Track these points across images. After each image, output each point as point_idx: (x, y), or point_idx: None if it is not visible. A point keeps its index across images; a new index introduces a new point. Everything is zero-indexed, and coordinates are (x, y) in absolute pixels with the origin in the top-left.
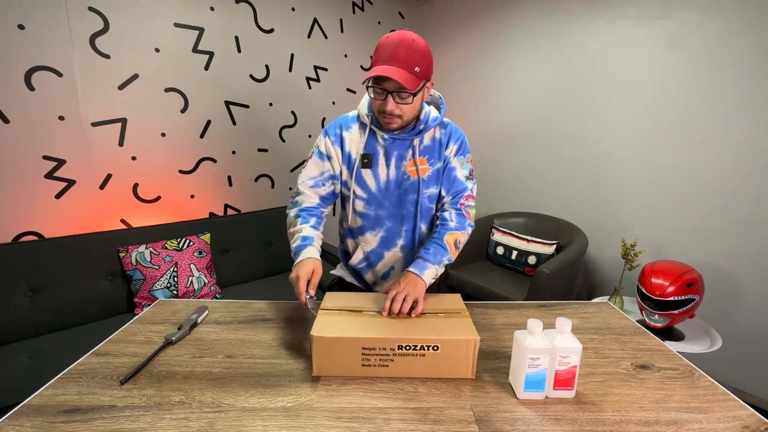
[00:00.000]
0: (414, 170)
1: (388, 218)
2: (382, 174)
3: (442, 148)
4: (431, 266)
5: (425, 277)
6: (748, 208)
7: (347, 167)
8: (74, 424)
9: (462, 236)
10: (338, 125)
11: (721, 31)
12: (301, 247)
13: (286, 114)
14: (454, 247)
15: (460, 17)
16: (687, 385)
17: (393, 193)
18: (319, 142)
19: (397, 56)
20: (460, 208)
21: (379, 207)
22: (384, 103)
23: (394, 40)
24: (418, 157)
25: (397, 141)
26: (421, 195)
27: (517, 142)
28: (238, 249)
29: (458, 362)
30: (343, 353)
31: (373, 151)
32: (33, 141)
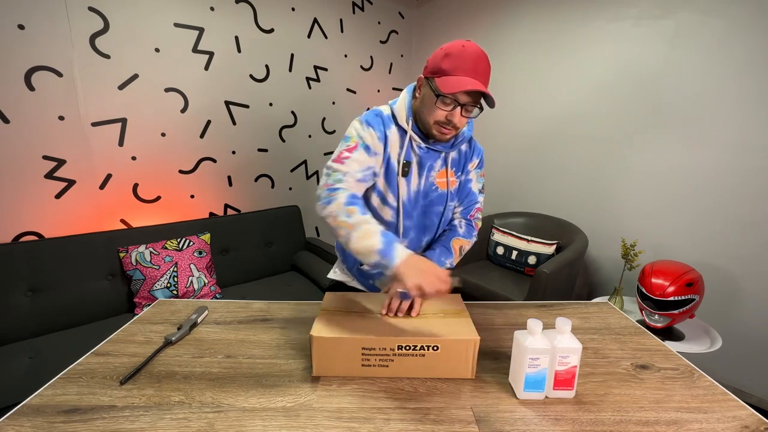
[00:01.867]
0: (443, 182)
1: (413, 229)
2: (414, 184)
3: (467, 162)
4: None
5: None
6: (748, 208)
7: (386, 170)
8: (74, 424)
9: (467, 244)
10: (381, 122)
11: (722, 31)
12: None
13: (286, 114)
14: (458, 253)
15: (460, 17)
16: (687, 385)
17: (419, 203)
18: (363, 132)
19: (479, 70)
20: (470, 220)
21: (407, 217)
22: (452, 114)
23: (475, 52)
24: (448, 168)
25: (431, 152)
26: (447, 207)
27: (517, 142)
28: (238, 249)
29: (458, 362)
30: (343, 353)
31: (410, 159)
32: (33, 141)
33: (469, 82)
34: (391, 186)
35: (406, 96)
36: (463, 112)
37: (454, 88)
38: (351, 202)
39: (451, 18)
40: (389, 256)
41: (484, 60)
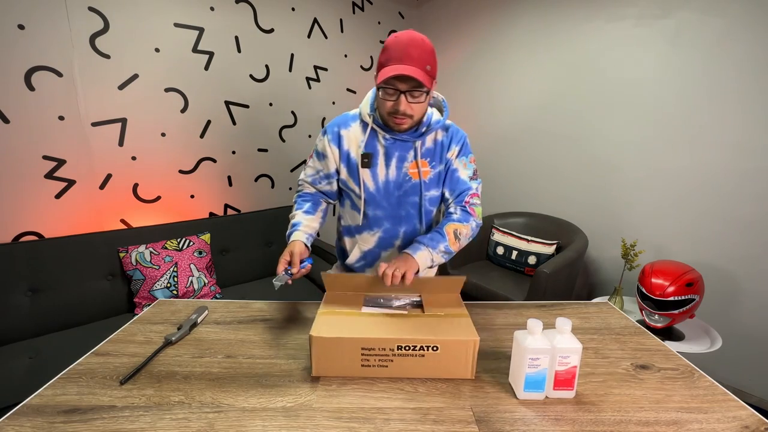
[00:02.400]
0: (416, 172)
1: (386, 219)
2: (381, 174)
3: (444, 151)
4: (424, 248)
5: (417, 257)
6: (748, 208)
7: (346, 166)
8: (74, 424)
9: (463, 228)
10: (337, 124)
11: (722, 31)
12: (289, 234)
13: (286, 114)
14: (453, 237)
15: (460, 17)
16: (687, 385)
17: (392, 194)
18: (318, 141)
19: (410, 55)
20: (464, 206)
21: (377, 207)
22: (397, 103)
23: (405, 40)
24: (420, 159)
25: (398, 142)
26: (423, 197)
27: (517, 142)
28: (238, 249)
29: (458, 363)
30: (343, 353)
31: (374, 150)
32: (33, 141)
33: (395, 69)
34: (353, 178)
35: (370, 93)
36: (408, 98)
37: (382, 77)
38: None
39: (450, 18)
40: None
41: (417, 44)
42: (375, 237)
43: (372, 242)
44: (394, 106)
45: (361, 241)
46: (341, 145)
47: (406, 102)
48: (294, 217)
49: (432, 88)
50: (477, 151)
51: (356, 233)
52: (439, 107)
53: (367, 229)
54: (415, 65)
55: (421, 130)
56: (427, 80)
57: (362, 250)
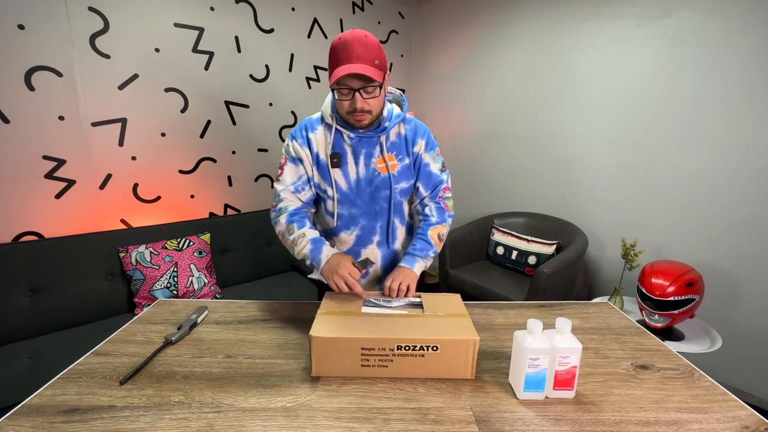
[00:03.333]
0: (384, 167)
1: (362, 216)
2: (352, 172)
3: (409, 144)
4: (419, 260)
5: (416, 269)
6: (748, 208)
7: (317, 168)
8: (74, 424)
9: (444, 229)
10: (303, 127)
11: (723, 30)
12: (316, 250)
13: (286, 114)
14: (438, 240)
15: (460, 17)
16: (687, 385)
17: (364, 190)
18: (288, 147)
19: (356, 53)
20: (438, 202)
21: (352, 206)
22: (353, 102)
23: (349, 39)
24: (386, 153)
25: (364, 139)
26: (393, 190)
27: (517, 142)
28: (238, 249)
29: (458, 363)
30: (342, 353)
31: (341, 150)
32: (33, 141)
33: (344, 69)
34: (325, 179)
35: (330, 96)
36: (363, 95)
37: (333, 78)
38: (290, 221)
39: (450, 18)
40: (317, 259)
41: (361, 42)
42: (353, 236)
43: (350, 242)
44: (351, 105)
45: (339, 243)
46: (311, 148)
47: (362, 99)
48: (305, 234)
49: (385, 81)
50: (477, 151)
51: (333, 235)
52: (398, 102)
53: (343, 230)
54: (362, 62)
55: (384, 125)
56: (377, 74)
57: (341, 251)
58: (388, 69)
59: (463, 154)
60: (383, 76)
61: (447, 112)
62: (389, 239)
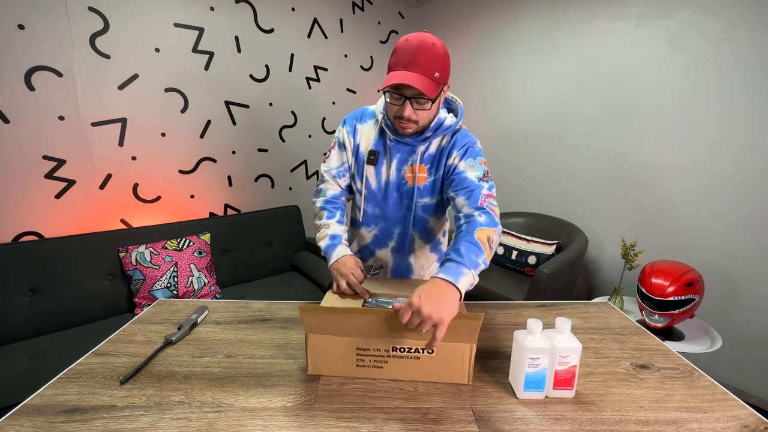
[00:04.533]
0: (411, 177)
1: (383, 218)
2: (384, 174)
3: (443, 158)
4: (466, 272)
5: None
6: (748, 208)
7: (355, 160)
8: (74, 424)
9: (494, 234)
10: (356, 116)
11: (723, 30)
12: (331, 247)
13: (286, 114)
14: (488, 246)
15: (460, 17)
16: (687, 385)
17: (391, 194)
18: (339, 132)
19: (418, 62)
20: (483, 207)
21: (377, 206)
22: (401, 109)
23: (414, 45)
24: (418, 164)
25: (401, 144)
26: (415, 203)
27: (517, 142)
28: (238, 249)
29: (454, 367)
30: (338, 353)
31: (380, 149)
32: (33, 141)
33: (397, 77)
34: (359, 173)
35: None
36: (414, 105)
37: (386, 83)
38: (323, 207)
39: (450, 17)
40: (329, 256)
41: (426, 50)
42: (371, 234)
43: (368, 239)
44: (399, 112)
45: (359, 237)
46: (356, 139)
47: (411, 108)
48: (329, 227)
49: (440, 94)
50: None
51: (355, 228)
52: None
53: (365, 225)
54: (421, 72)
55: (426, 135)
56: (433, 89)
57: (360, 244)
58: (448, 82)
59: None
60: (440, 89)
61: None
62: (405, 249)
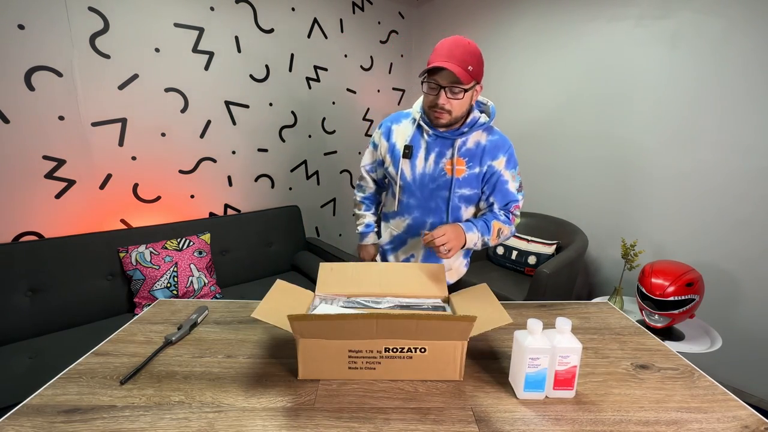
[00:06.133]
0: (450, 169)
1: (417, 208)
2: (419, 166)
3: (486, 156)
4: (477, 232)
5: (468, 237)
6: (748, 208)
7: (391, 156)
8: (74, 424)
9: (506, 230)
10: (391, 119)
11: (724, 30)
12: (365, 233)
13: (286, 114)
14: (496, 234)
15: (460, 17)
16: (687, 385)
17: (426, 186)
18: (374, 133)
19: (453, 54)
20: (508, 214)
21: (411, 196)
22: (436, 97)
23: (451, 41)
24: (456, 156)
25: (440, 139)
26: (453, 193)
27: (517, 142)
28: (238, 249)
29: (446, 364)
30: (329, 356)
31: (416, 144)
32: (33, 141)
33: (436, 61)
34: (395, 167)
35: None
36: (448, 94)
37: (424, 70)
38: (362, 200)
39: (451, 18)
40: (361, 239)
41: (461, 46)
42: (405, 223)
43: (401, 227)
44: (434, 100)
45: (393, 226)
46: (390, 138)
47: (445, 97)
48: (365, 217)
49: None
50: None
51: (390, 218)
52: (488, 113)
53: (399, 215)
54: (455, 63)
55: (463, 130)
56: (466, 77)
57: (392, 234)
58: (480, 81)
59: None
60: (472, 81)
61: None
62: None
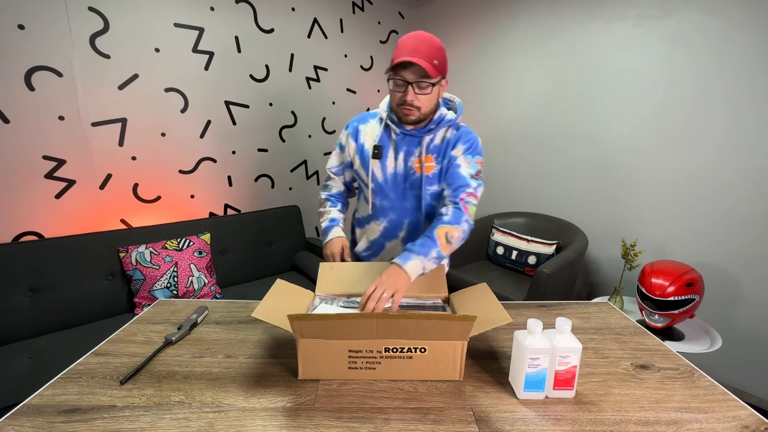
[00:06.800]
0: (419, 167)
1: (392, 209)
2: (390, 166)
3: (449, 148)
4: (415, 257)
5: (407, 269)
6: (748, 208)
7: (360, 157)
8: (74, 424)
9: (455, 231)
10: (358, 120)
11: (723, 30)
12: (329, 228)
13: (286, 114)
14: (444, 241)
15: (460, 17)
16: (687, 385)
17: (399, 185)
18: (341, 135)
19: (418, 49)
20: (458, 203)
21: (384, 198)
22: (404, 93)
23: (414, 36)
24: (425, 154)
25: (408, 137)
26: (424, 191)
27: (517, 142)
28: (238, 249)
29: (446, 364)
30: (329, 356)
31: (385, 143)
32: (33, 141)
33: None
34: (364, 168)
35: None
36: (415, 89)
37: (390, 66)
38: (327, 198)
39: (450, 18)
40: (325, 235)
41: (425, 41)
42: (381, 227)
43: (378, 232)
44: (402, 97)
45: (369, 231)
46: (358, 139)
47: (413, 93)
48: (330, 213)
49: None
50: None
51: (365, 223)
52: (455, 110)
53: (374, 219)
54: (421, 57)
55: (430, 127)
56: (433, 71)
57: (369, 239)
58: (446, 76)
59: None
60: (438, 76)
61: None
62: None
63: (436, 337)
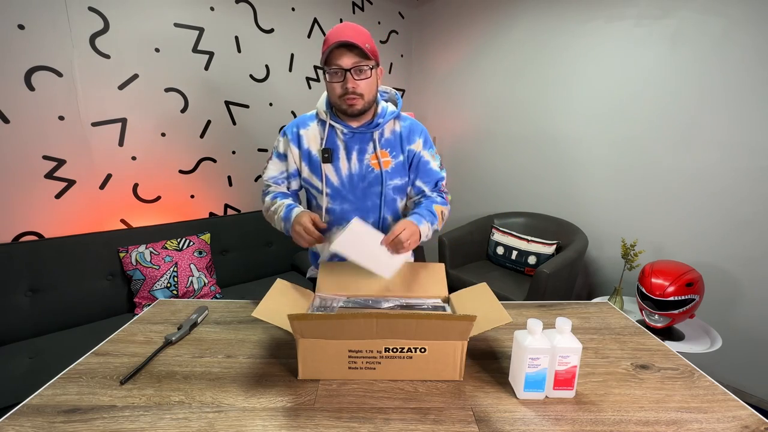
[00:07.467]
0: (376, 163)
1: (354, 212)
2: (344, 168)
3: (404, 142)
4: (426, 223)
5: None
6: (748, 208)
7: (308, 164)
8: (74, 424)
9: (446, 210)
10: (295, 124)
11: (723, 30)
12: (288, 211)
13: (286, 114)
14: (441, 217)
15: (460, 17)
16: (687, 385)
17: (357, 186)
18: (277, 143)
19: (347, 34)
20: (441, 193)
21: (343, 201)
22: (344, 82)
23: (341, 26)
24: (379, 150)
25: (357, 135)
26: (386, 186)
27: (517, 142)
28: (238, 249)
29: (446, 364)
30: (329, 356)
31: (333, 146)
32: (33, 141)
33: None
34: (316, 174)
35: (325, 93)
36: (355, 76)
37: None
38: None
39: (451, 18)
40: (288, 219)
41: (352, 27)
42: None
43: None
44: (342, 87)
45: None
46: (301, 145)
47: (353, 80)
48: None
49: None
50: (477, 151)
51: (325, 232)
52: (394, 101)
53: (334, 226)
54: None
55: (377, 121)
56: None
57: None
58: (380, 63)
59: (464, 153)
60: (373, 61)
61: (447, 112)
62: None
63: (436, 337)
